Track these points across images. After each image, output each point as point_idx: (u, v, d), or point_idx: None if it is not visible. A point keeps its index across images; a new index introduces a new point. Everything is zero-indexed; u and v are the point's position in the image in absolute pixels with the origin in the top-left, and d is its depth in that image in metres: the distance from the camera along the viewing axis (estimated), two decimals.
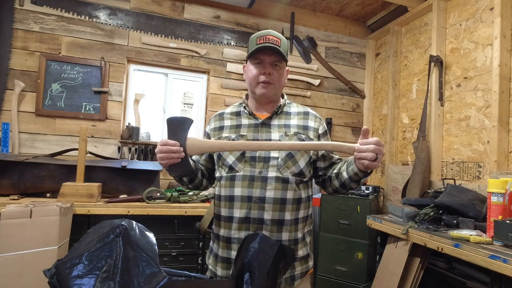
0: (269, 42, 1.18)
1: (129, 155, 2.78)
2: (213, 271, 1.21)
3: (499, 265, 1.36)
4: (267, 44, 1.17)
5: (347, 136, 3.50)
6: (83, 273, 0.81)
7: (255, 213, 1.13)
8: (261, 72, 1.20)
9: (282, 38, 1.22)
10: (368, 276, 2.52)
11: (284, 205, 1.15)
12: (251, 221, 1.13)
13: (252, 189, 1.14)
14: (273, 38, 1.19)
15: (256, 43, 1.19)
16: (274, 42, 1.18)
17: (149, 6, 2.91)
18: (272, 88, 1.22)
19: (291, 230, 1.16)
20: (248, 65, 1.24)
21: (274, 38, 1.20)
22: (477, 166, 2.29)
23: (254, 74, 1.21)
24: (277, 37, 1.20)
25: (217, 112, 1.35)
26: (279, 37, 1.21)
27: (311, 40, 3.33)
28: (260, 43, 1.18)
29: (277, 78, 1.22)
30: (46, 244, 1.72)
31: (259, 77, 1.20)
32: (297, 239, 1.18)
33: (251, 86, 1.24)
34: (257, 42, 1.19)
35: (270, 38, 1.19)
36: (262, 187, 1.14)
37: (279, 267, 0.91)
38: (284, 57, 1.21)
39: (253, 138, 1.20)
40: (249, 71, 1.23)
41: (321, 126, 1.28)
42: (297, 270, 1.18)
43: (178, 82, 3.09)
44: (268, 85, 1.20)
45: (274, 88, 1.22)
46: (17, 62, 2.56)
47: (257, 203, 1.13)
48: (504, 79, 2.13)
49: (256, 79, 1.21)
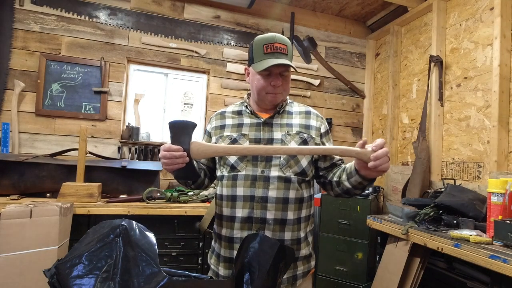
0: (277, 51, 1.15)
1: (129, 155, 2.78)
2: (215, 271, 1.21)
3: (499, 265, 1.36)
4: (277, 58, 1.14)
5: (347, 136, 3.50)
6: (83, 273, 0.81)
7: (257, 212, 1.13)
8: (270, 83, 1.18)
9: (288, 44, 1.19)
10: (368, 276, 2.51)
11: (287, 205, 1.15)
12: (253, 220, 1.14)
13: (255, 189, 1.14)
14: (280, 46, 1.16)
15: (263, 51, 1.16)
16: (281, 51, 1.15)
17: (149, 6, 2.91)
18: (281, 96, 1.22)
19: (293, 229, 1.16)
20: (255, 73, 1.20)
21: (281, 45, 1.16)
22: (477, 166, 2.29)
23: (263, 84, 1.18)
24: (283, 44, 1.17)
25: (218, 111, 1.34)
26: (285, 43, 1.18)
27: (311, 40, 3.34)
28: (268, 52, 1.15)
29: (286, 86, 1.22)
30: (46, 244, 1.72)
31: (268, 87, 1.18)
32: (299, 239, 1.18)
33: (259, 95, 1.21)
34: (264, 50, 1.16)
35: (278, 47, 1.15)
36: (265, 186, 1.14)
37: (279, 267, 0.91)
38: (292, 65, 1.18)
39: (255, 137, 1.20)
40: (256, 80, 1.19)
41: (323, 125, 1.28)
42: (299, 270, 1.18)
43: (178, 82, 3.09)
44: (277, 94, 1.20)
45: (282, 95, 1.23)
46: (17, 62, 2.56)
47: (260, 203, 1.14)
48: (504, 79, 2.13)
49: (265, 89, 1.19)
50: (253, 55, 1.19)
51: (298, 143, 1.19)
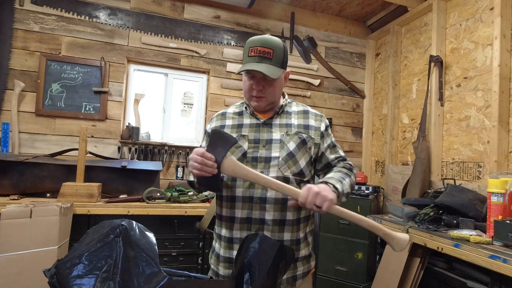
0: (260, 55, 1.13)
1: (129, 155, 2.78)
2: (215, 271, 1.21)
3: (499, 265, 1.36)
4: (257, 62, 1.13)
5: (347, 136, 3.50)
6: (83, 273, 0.81)
7: (256, 213, 1.14)
8: (253, 87, 1.19)
9: (275, 48, 1.15)
10: (368, 276, 2.52)
11: (286, 205, 1.15)
12: (252, 221, 1.14)
13: (254, 190, 1.15)
14: (264, 50, 1.13)
15: (248, 54, 1.16)
16: (265, 55, 1.13)
17: (149, 6, 2.91)
18: (265, 101, 1.21)
19: (293, 230, 1.16)
20: (243, 74, 1.22)
21: (266, 49, 1.14)
22: (477, 166, 2.29)
23: (247, 88, 1.21)
24: (269, 48, 1.14)
25: (220, 111, 1.35)
26: (271, 47, 1.14)
27: (311, 40, 3.33)
28: (251, 55, 1.15)
29: (270, 91, 1.20)
30: (46, 244, 1.72)
31: (252, 91, 1.19)
32: (299, 239, 1.18)
33: (245, 97, 1.25)
34: (248, 53, 1.15)
35: (262, 50, 1.13)
36: (264, 187, 1.13)
37: (279, 267, 0.91)
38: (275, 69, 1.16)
39: (254, 138, 1.20)
40: (244, 82, 1.23)
41: (322, 123, 1.29)
42: (299, 270, 1.18)
43: (178, 82, 3.09)
44: (261, 98, 1.20)
45: (267, 100, 1.21)
46: (17, 62, 2.56)
47: (258, 203, 1.14)
48: (504, 79, 2.13)
49: (249, 92, 1.21)
50: (243, 56, 1.21)
51: (296, 143, 1.19)
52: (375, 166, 3.43)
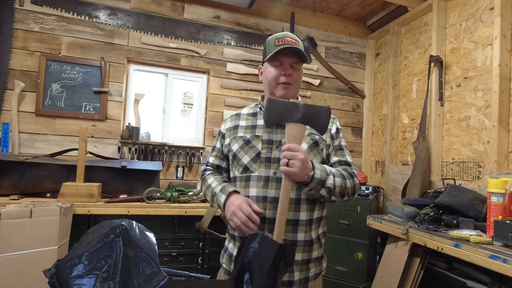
0: (288, 43, 1.18)
1: (129, 155, 2.78)
2: (228, 270, 1.23)
3: (499, 265, 1.36)
4: (287, 46, 1.18)
5: (347, 136, 3.50)
6: (83, 273, 0.81)
7: (270, 213, 1.14)
8: (281, 74, 1.20)
9: (298, 40, 1.24)
10: (368, 276, 2.52)
11: (299, 205, 1.15)
12: (266, 221, 1.14)
13: (267, 190, 1.15)
14: (291, 40, 1.20)
15: (275, 45, 1.20)
16: (292, 44, 1.19)
17: (149, 6, 2.91)
18: (292, 89, 1.22)
19: (306, 230, 1.16)
20: (267, 66, 1.24)
21: (292, 40, 1.21)
22: (477, 166, 2.29)
23: (274, 76, 1.21)
24: (294, 39, 1.22)
25: (234, 112, 1.37)
26: (296, 39, 1.22)
27: (311, 40, 3.33)
28: (279, 44, 1.19)
29: (297, 79, 1.23)
30: (46, 244, 1.72)
31: (280, 78, 1.20)
32: (312, 240, 1.18)
33: (270, 87, 1.24)
34: (275, 44, 1.20)
35: (289, 40, 1.20)
36: (277, 187, 1.14)
37: (279, 267, 0.91)
38: (302, 58, 1.22)
39: (268, 138, 1.21)
40: (268, 72, 1.23)
41: (333, 125, 1.31)
42: (311, 272, 1.18)
43: (178, 82, 3.09)
44: (288, 85, 1.21)
45: (294, 89, 1.23)
46: (17, 62, 2.56)
47: (272, 203, 1.14)
48: (504, 79, 2.13)
49: (276, 80, 1.21)
50: (266, 52, 1.24)
51: (309, 144, 1.20)
52: (375, 166, 3.43)
